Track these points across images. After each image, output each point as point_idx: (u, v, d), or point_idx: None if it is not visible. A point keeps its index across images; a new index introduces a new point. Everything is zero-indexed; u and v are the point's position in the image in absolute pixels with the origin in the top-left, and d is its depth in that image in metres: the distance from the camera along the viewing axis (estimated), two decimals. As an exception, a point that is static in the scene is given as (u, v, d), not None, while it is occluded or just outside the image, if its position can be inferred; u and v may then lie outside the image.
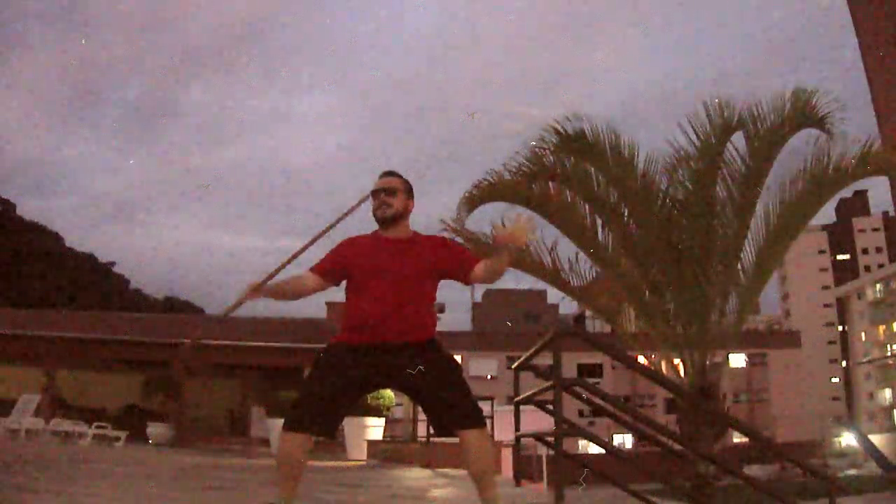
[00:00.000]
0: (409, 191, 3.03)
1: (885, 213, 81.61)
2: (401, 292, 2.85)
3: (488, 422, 10.80)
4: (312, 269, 2.97)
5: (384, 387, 3.10)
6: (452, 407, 2.80)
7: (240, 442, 16.85)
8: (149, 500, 3.97)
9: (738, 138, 7.57)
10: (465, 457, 2.78)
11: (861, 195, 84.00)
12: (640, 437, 5.69)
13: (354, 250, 2.97)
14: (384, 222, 2.97)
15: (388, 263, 2.88)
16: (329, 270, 2.96)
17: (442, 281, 3.03)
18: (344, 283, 2.99)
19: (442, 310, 16.56)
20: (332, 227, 3.04)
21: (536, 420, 6.65)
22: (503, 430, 7.97)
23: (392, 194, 2.96)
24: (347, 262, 2.94)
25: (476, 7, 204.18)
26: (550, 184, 7.84)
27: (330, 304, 23.50)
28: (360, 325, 2.87)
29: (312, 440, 2.78)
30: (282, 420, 2.81)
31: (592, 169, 7.71)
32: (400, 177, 3.04)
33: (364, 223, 3.06)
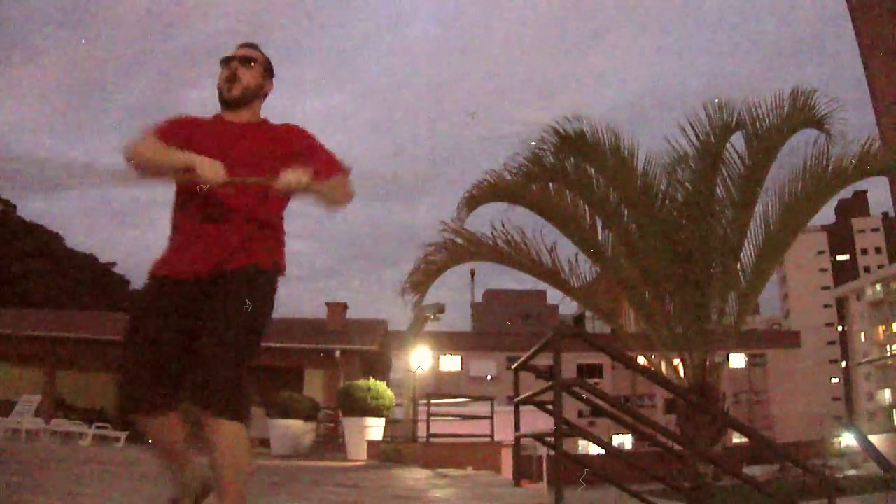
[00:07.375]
0: (269, 69, 2.39)
1: (885, 214, 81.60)
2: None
3: (487, 422, 10.75)
4: (152, 131, 2.21)
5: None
6: (203, 359, 2.05)
7: (240, 442, 16.85)
8: (149, 501, 3.97)
9: (737, 138, 7.59)
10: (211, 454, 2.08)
11: (861, 195, 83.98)
12: (640, 437, 5.69)
13: (192, 129, 2.27)
14: (230, 104, 2.30)
15: (224, 152, 2.14)
16: (170, 135, 2.20)
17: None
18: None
19: (442, 310, 16.49)
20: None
21: (536, 420, 6.65)
22: (503, 431, 7.96)
23: (246, 64, 2.30)
24: (185, 138, 2.20)
25: (477, 10, 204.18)
26: (550, 184, 7.85)
27: (330, 305, 23.49)
28: (182, 246, 2.22)
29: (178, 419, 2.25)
30: (281, 420, 2.73)
31: (592, 169, 7.72)
32: (261, 51, 2.40)
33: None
